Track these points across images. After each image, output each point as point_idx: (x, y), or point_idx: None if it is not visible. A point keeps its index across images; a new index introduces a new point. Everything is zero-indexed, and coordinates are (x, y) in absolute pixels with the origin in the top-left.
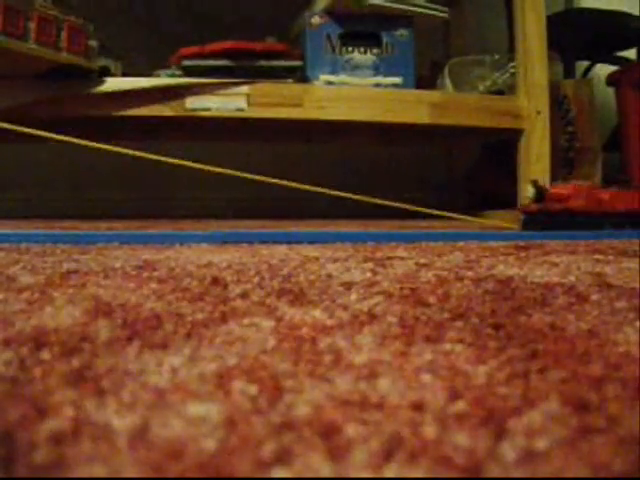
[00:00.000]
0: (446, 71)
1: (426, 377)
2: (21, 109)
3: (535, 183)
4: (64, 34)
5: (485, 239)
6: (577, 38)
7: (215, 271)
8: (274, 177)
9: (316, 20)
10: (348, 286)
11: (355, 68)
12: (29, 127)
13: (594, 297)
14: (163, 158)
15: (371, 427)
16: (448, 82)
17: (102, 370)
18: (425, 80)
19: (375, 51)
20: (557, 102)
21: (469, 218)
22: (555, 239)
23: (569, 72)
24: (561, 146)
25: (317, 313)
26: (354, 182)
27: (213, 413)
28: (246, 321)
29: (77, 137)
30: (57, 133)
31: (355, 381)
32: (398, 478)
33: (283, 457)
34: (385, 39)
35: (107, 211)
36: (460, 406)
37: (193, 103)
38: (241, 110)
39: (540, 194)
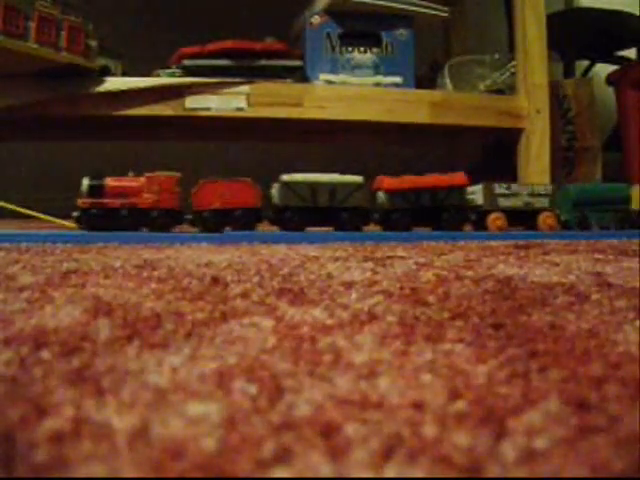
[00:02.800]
0: (446, 71)
1: (426, 377)
2: (21, 109)
3: (94, 174)
4: (64, 34)
5: (485, 239)
6: (577, 38)
7: (215, 270)
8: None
9: (316, 20)
10: (348, 285)
11: (355, 68)
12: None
13: (594, 297)
14: None
15: (371, 427)
16: (448, 82)
17: (102, 370)
18: (425, 80)
19: (375, 51)
20: (557, 102)
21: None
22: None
23: (569, 72)
24: (561, 146)
25: (317, 312)
26: None
27: (213, 413)
28: (246, 320)
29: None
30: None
31: (355, 381)
32: (398, 478)
33: (283, 457)
34: (385, 39)
35: None
36: (460, 406)
37: (193, 103)
38: (241, 110)
39: (98, 187)
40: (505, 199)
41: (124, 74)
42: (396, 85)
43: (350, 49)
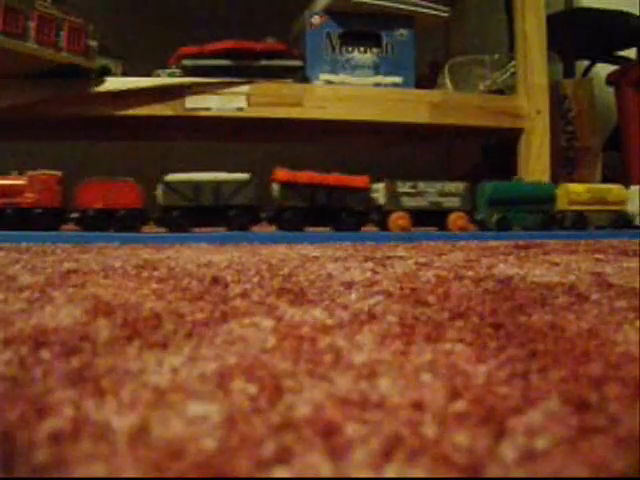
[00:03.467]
0: (446, 71)
1: (426, 377)
2: (21, 109)
3: None
4: (64, 34)
5: (485, 239)
6: (577, 38)
7: (215, 271)
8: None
9: (316, 20)
10: (348, 285)
11: (355, 68)
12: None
13: (594, 297)
14: None
15: (371, 426)
16: (448, 82)
17: (102, 370)
18: (425, 80)
19: (375, 51)
20: (557, 102)
21: None
22: (555, 239)
23: (569, 72)
24: (561, 146)
25: (317, 312)
26: None
27: (213, 413)
28: (246, 320)
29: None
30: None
31: (355, 381)
32: (398, 478)
33: (283, 457)
34: (385, 39)
35: None
36: (460, 406)
37: (193, 103)
38: (241, 110)
39: None
40: (410, 198)
41: (124, 74)
42: (396, 85)
43: (350, 49)
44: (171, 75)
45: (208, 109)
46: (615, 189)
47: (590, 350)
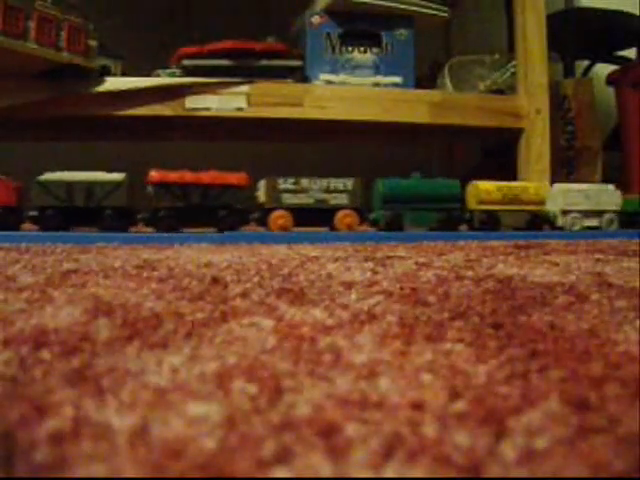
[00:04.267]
0: (446, 71)
1: (426, 377)
2: (21, 109)
3: None
4: (64, 34)
5: (485, 239)
6: (577, 38)
7: (215, 271)
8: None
9: (316, 20)
10: (348, 286)
11: (355, 68)
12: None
13: (594, 297)
14: None
15: (371, 426)
16: (448, 82)
17: (102, 370)
18: (425, 80)
19: (375, 51)
20: (557, 102)
21: None
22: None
23: (569, 72)
24: (561, 146)
25: (317, 312)
26: None
27: (213, 413)
28: (246, 320)
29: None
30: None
31: (355, 381)
32: (398, 478)
33: (283, 457)
34: (385, 39)
35: None
36: (460, 406)
37: (193, 103)
38: (241, 110)
39: None
40: (291, 196)
41: (124, 74)
42: (396, 85)
43: (350, 49)
44: (171, 75)
45: (208, 109)
46: (532, 187)
47: (590, 350)
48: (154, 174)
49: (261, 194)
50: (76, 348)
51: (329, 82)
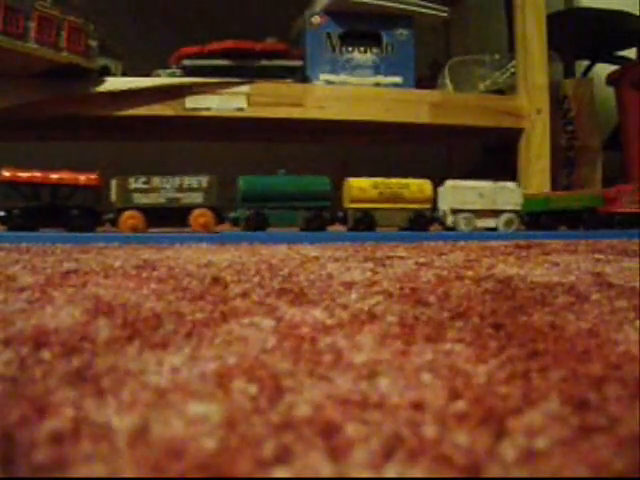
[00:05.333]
0: (446, 71)
1: (426, 377)
2: (21, 109)
3: None
4: (64, 34)
5: (485, 239)
6: (577, 38)
7: (215, 271)
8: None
9: (316, 20)
10: (348, 286)
11: (355, 68)
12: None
13: (594, 297)
14: None
15: (371, 426)
16: (448, 82)
17: (102, 370)
18: (425, 80)
19: (375, 51)
20: (557, 102)
21: None
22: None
23: (569, 72)
24: (561, 146)
25: (317, 313)
26: None
27: (213, 413)
28: (246, 321)
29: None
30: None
31: (355, 380)
32: (398, 478)
33: (283, 457)
34: (385, 39)
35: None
36: (460, 406)
37: (193, 103)
38: (241, 110)
39: None
40: (143, 195)
41: (124, 74)
42: (396, 85)
43: (350, 49)
44: (171, 75)
45: (208, 109)
46: (414, 185)
47: (590, 350)
48: (5, 173)
49: (112, 194)
50: (76, 348)
51: (329, 82)
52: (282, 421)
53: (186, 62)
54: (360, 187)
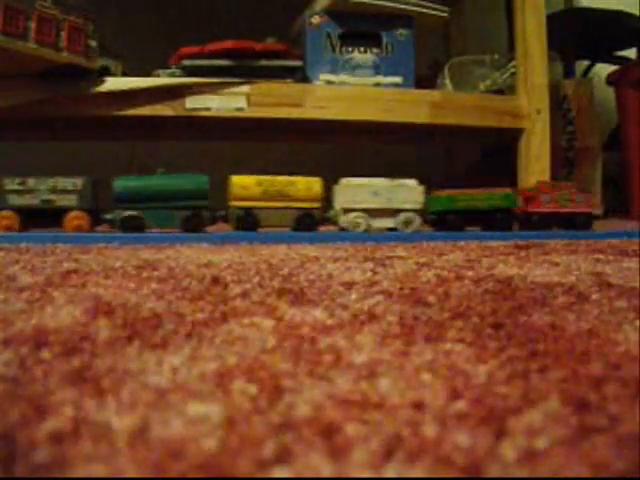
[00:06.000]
0: (446, 71)
1: (426, 377)
2: (21, 109)
3: None
4: (64, 34)
5: (485, 239)
6: (577, 38)
7: (215, 271)
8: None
9: (316, 20)
10: (348, 286)
11: (355, 68)
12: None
13: (594, 297)
14: None
15: (371, 427)
16: (448, 82)
17: (102, 370)
18: (425, 80)
19: (375, 51)
20: (557, 102)
21: None
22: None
23: (569, 72)
24: (561, 146)
25: (317, 313)
26: None
27: (213, 413)
28: (246, 321)
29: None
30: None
31: (355, 381)
32: (398, 478)
33: (283, 457)
34: (385, 39)
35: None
36: (460, 406)
37: (193, 103)
38: (241, 110)
39: None
40: (18, 196)
41: (124, 74)
42: (396, 85)
43: (350, 49)
44: (171, 75)
45: (208, 109)
46: (301, 182)
47: (590, 350)
48: None
49: None
50: (76, 348)
51: (329, 82)
52: (282, 421)
53: (186, 62)
54: (242, 184)
